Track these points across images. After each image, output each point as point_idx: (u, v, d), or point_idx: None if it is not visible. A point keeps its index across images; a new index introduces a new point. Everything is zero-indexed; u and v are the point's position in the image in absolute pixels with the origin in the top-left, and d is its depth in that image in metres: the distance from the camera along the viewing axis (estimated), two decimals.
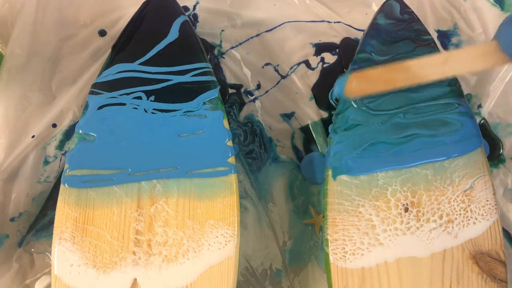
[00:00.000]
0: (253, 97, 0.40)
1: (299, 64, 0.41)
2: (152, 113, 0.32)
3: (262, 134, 0.39)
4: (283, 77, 0.41)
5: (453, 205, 0.31)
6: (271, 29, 0.41)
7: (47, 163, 0.38)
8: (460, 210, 0.31)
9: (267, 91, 0.40)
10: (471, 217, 0.31)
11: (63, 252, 0.30)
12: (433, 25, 0.41)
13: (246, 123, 0.40)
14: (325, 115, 0.40)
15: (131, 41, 0.34)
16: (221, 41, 0.41)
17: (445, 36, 0.41)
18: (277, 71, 0.41)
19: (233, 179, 0.31)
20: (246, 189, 0.38)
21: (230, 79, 0.41)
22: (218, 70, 0.40)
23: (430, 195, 0.31)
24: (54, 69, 0.39)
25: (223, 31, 0.41)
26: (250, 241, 0.37)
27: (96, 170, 0.31)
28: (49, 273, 0.36)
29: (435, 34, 0.41)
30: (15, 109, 0.37)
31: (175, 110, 0.32)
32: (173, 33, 0.34)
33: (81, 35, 0.40)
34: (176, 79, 0.33)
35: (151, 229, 0.30)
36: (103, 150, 0.31)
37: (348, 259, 0.30)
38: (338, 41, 0.41)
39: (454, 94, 0.33)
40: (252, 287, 0.37)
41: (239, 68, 0.41)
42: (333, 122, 0.34)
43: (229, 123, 0.36)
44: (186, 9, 0.41)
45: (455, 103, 0.33)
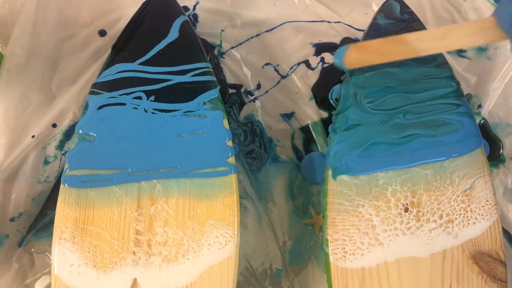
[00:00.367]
0: (253, 97, 0.40)
1: (299, 64, 0.41)
2: (152, 113, 0.32)
3: (262, 134, 0.39)
4: (283, 77, 0.41)
5: (453, 205, 0.31)
6: (271, 29, 0.41)
7: (47, 163, 0.38)
8: (460, 210, 0.31)
9: (267, 91, 0.40)
10: (471, 217, 0.31)
11: (63, 252, 0.30)
12: (433, 25, 0.41)
13: (246, 123, 0.40)
14: (325, 115, 0.40)
15: (131, 41, 0.34)
16: (221, 41, 0.41)
17: None
18: (277, 71, 0.41)
19: (233, 179, 0.31)
20: (246, 189, 0.38)
21: (230, 79, 0.41)
22: (218, 70, 0.40)
23: (430, 195, 0.31)
24: (54, 69, 0.39)
25: (223, 31, 0.41)
26: (250, 241, 0.37)
27: (96, 170, 0.31)
28: (49, 273, 0.36)
29: None
30: (15, 109, 0.37)
31: (175, 110, 0.32)
32: (173, 33, 0.34)
33: (81, 35, 0.40)
34: (176, 79, 0.33)
35: (151, 229, 0.30)
36: (103, 150, 0.31)
37: (348, 259, 0.30)
38: (338, 41, 0.41)
39: (454, 94, 0.33)
40: (252, 287, 0.37)
41: (239, 68, 0.41)
42: (333, 122, 0.34)
43: (229, 123, 0.36)
44: (186, 9, 0.41)
45: (455, 103, 0.33)
